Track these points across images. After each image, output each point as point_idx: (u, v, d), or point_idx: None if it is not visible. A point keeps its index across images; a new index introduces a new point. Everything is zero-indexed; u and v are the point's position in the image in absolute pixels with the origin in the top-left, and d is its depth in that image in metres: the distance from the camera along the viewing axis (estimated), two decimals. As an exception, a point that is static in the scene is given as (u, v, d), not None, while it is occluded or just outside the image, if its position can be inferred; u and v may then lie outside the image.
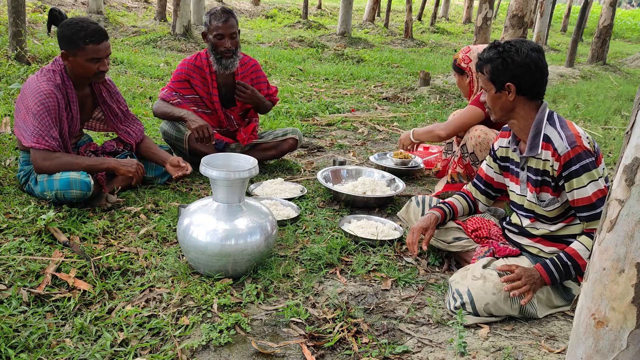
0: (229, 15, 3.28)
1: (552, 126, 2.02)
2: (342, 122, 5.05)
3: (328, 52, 9.96)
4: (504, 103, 2.07)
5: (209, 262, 2.11)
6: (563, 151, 1.95)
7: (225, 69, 3.34)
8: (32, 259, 2.17)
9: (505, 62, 2.00)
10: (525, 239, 2.23)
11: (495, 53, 2.04)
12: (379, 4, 17.29)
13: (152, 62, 7.24)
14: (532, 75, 2.00)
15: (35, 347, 1.72)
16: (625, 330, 1.08)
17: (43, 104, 2.59)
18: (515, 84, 2.01)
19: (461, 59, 3.18)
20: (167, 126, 3.36)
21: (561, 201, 2.06)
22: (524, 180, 2.16)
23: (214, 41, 3.28)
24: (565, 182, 1.98)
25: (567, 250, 2.00)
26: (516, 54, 1.99)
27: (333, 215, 2.93)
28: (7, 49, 5.83)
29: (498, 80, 2.04)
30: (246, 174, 2.13)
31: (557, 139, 1.98)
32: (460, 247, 2.35)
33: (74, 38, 2.59)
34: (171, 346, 1.75)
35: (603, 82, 8.84)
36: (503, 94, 2.05)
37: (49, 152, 2.62)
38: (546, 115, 2.04)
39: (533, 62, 1.99)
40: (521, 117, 2.08)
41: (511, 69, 2.00)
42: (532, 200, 2.13)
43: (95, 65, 2.66)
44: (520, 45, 2.00)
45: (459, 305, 1.99)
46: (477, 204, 2.44)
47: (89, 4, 11.01)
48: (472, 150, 3.01)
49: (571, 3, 19.48)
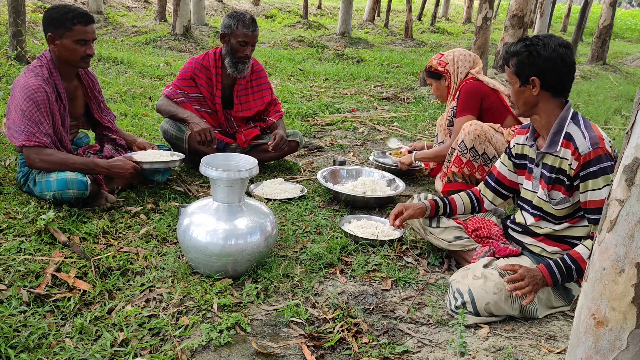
0: (256, 26, 3.36)
1: (575, 125, 2.00)
2: (342, 122, 5.05)
3: (328, 52, 9.96)
4: (527, 97, 2.05)
5: (209, 262, 2.11)
6: (584, 151, 1.94)
7: (239, 72, 3.39)
8: (32, 259, 2.17)
9: (532, 55, 1.98)
10: (528, 238, 2.23)
11: (522, 46, 2.02)
12: (379, 4, 17.30)
13: (152, 62, 7.23)
14: (558, 70, 1.98)
15: (35, 347, 1.72)
16: (625, 330, 1.08)
17: (31, 99, 2.58)
18: (540, 79, 1.99)
19: (437, 64, 3.35)
20: (167, 125, 3.37)
21: (572, 201, 2.05)
22: (537, 177, 2.14)
23: (236, 46, 3.31)
24: (580, 182, 1.97)
25: (572, 253, 1.99)
26: (543, 48, 1.97)
27: (333, 215, 2.93)
28: (7, 49, 5.83)
29: (523, 74, 2.02)
30: (246, 174, 2.13)
31: (579, 138, 1.97)
32: (461, 247, 2.35)
33: (62, 19, 2.62)
34: (171, 346, 1.75)
35: (603, 82, 8.84)
36: (527, 88, 2.03)
37: (40, 148, 2.61)
38: (570, 114, 2.03)
39: (560, 57, 1.97)
40: (544, 113, 2.06)
41: (537, 63, 1.98)
42: (543, 198, 2.11)
43: (82, 48, 2.68)
44: (549, 40, 1.98)
45: (460, 304, 1.98)
46: (483, 202, 2.42)
47: (89, 3, 11.02)
48: (472, 145, 3.01)
49: (571, 3, 19.47)
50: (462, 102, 3.21)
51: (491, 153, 3.03)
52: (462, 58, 3.31)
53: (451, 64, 3.31)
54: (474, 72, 3.29)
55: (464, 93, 3.21)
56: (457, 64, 3.31)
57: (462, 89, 3.24)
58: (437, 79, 3.38)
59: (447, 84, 3.36)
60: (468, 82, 3.24)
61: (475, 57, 3.37)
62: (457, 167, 3.13)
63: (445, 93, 3.41)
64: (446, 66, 3.31)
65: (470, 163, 3.07)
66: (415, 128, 5.04)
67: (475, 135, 2.99)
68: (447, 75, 3.32)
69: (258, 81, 3.59)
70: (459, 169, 3.13)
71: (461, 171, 3.12)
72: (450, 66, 3.31)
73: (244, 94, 3.54)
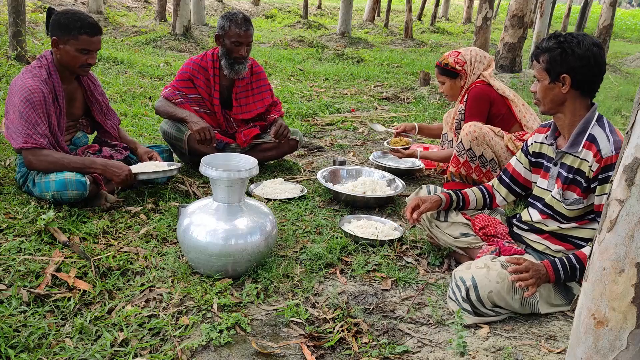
0: (250, 25, 3.31)
1: (600, 128, 1.99)
2: (342, 122, 5.05)
3: (328, 52, 9.96)
4: (555, 95, 2.03)
5: (209, 262, 2.11)
6: (607, 154, 1.93)
7: (236, 74, 3.38)
8: (32, 259, 2.17)
9: (565, 52, 1.96)
10: (533, 235, 2.23)
11: (555, 43, 1.99)
12: (379, 4, 17.30)
13: (152, 62, 7.23)
14: (590, 69, 1.96)
15: (35, 347, 1.72)
16: (625, 330, 1.08)
17: (28, 100, 2.59)
18: (571, 77, 1.97)
19: (454, 62, 3.23)
20: (167, 126, 3.36)
21: (586, 203, 2.04)
22: (554, 176, 2.14)
23: (230, 47, 3.30)
24: (598, 184, 1.97)
25: (578, 254, 1.99)
26: (577, 46, 1.95)
27: (333, 215, 2.93)
28: (7, 49, 5.83)
29: (554, 71, 2.00)
30: (246, 174, 2.13)
31: (603, 141, 1.96)
32: (467, 243, 2.34)
33: (70, 26, 2.63)
34: (171, 346, 1.75)
35: (603, 82, 8.82)
36: (557, 86, 2.01)
37: (37, 149, 2.61)
38: (596, 116, 2.02)
39: (593, 56, 1.95)
40: (570, 112, 2.04)
41: (569, 60, 1.96)
42: (556, 197, 2.11)
43: (84, 57, 2.69)
44: (583, 38, 1.96)
45: (464, 293, 1.97)
46: (495, 197, 2.41)
47: (89, 3, 11.01)
48: (469, 147, 3.01)
49: (571, 3, 19.46)
50: (470, 108, 3.15)
51: (489, 156, 3.02)
52: (479, 59, 3.23)
53: (469, 63, 3.21)
54: (486, 75, 3.22)
55: (472, 99, 3.15)
56: (473, 64, 3.22)
57: (470, 94, 3.17)
58: (453, 78, 3.27)
59: (462, 83, 3.27)
60: (478, 86, 3.17)
61: (490, 59, 3.28)
62: (455, 167, 3.13)
63: (457, 93, 3.31)
64: (464, 65, 3.21)
65: (467, 164, 3.07)
66: (415, 128, 5.04)
67: (473, 137, 2.99)
68: (464, 75, 3.23)
69: (258, 83, 3.58)
70: (456, 169, 3.13)
71: (458, 171, 3.12)
72: (467, 66, 3.21)
73: (243, 95, 3.53)
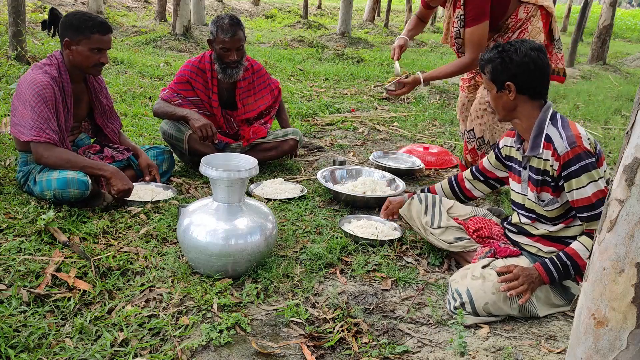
0: (237, 29, 3.24)
1: (554, 126, 2.03)
2: (342, 122, 5.05)
3: (328, 52, 9.95)
4: (505, 102, 2.11)
5: (209, 262, 2.11)
6: (563, 151, 1.96)
7: (229, 78, 3.37)
8: (32, 259, 2.17)
9: (504, 61, 2.05)
10: (524, 238, 2.24)
11: (495, 53, 2.08)
12: (379, 4, 17.28)
13: (152, 62, 7.23)
14: (530, 74, 2.03)
15: (35, 347, 1.72)
16: (625, 330, 1.08)
17: (40, 95, 2.59)
18: (514, 83, 2.05)
19: None
20: (167, 126, 3.36)
21: (561, 202, 2.07)
22: (525, 180, 2.17)
23: (220, 53, 3.28)
24: (564, 182, 1.99)
25: (567, 250, 2.00)
26: (515, 53, 2.03)
27: (333, 215, 2.93)
28: (7, 49, 5.83)
29: (498, 80, 2.08)
30: (246, 174, 2.13)
31: (557, 139, 1.99)
32: (462, 248, 2.35)
33: (81, 27, 2.65)
34: (171, 346, 1.75)
35: (603, 82, 8.84)
36: (504, 94, 2.09)
37: (49, 144, 2.61)
38: (549, 115, 2.05)
39: (532, 61, 2.02)
40: (524, 117, 2.10)
41: (509, 68, 2.04)
42: (533, 200, 2.14)
43: (96, 56, 2.71)
44: (520, 44, 2.04)
45: (459, 305, 1.99)
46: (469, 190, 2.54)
47: (89, 3, 11.00)
48: (481, 135, 3.02)
49: (571, 3, 19.47)
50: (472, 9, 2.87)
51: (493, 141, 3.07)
52: None
53: None
54: None
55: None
56: None
57: None
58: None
59: None
60: None
61: None
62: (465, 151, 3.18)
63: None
64: None
65: (474, 151, 3.10)
66: (415, 128, 5.04)
67: (486, 127, 3.02)
68: None
69: (259, 80, 3.59)
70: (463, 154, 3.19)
71: (464, 157, 3.18)
72: None
73: (246, 95, 3.54)
